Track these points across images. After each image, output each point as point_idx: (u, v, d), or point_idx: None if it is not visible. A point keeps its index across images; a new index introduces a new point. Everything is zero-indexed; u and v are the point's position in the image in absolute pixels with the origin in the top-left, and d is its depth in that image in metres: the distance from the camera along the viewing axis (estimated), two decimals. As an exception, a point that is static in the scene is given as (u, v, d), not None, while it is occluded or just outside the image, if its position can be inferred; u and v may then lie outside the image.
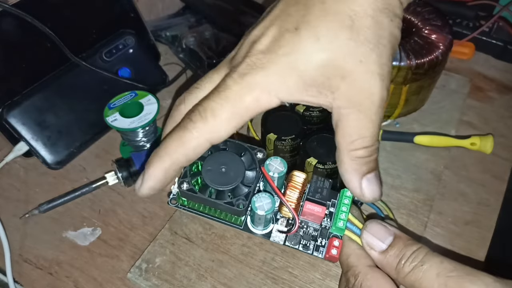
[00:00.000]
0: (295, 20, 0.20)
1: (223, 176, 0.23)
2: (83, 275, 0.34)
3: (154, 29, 0.53)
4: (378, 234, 0.22)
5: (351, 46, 0.19)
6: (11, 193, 0.39)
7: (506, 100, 0.49)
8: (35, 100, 0.41)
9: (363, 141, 0.21)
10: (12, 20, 0.38)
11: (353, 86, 0.20)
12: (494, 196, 0.39)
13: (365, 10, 0.20)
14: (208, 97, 0.21)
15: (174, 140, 0.21)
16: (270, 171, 0.23)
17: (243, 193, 0.23)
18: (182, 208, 0.25)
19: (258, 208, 0.22)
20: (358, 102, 0.20)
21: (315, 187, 0.25)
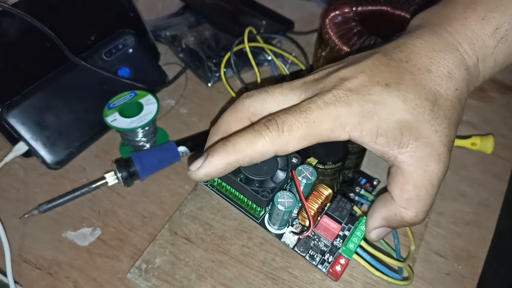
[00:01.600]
0: (387, 78, 0.22)
1: (257, 168, 0.24)
2: (83, 276, 0.34)
3: (153, 29, 0.52)
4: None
5: (431, 117, 0.22)
6: (11, 193, 0.39)
7: (507, 100, 0.49)
8: (34, 100, 0.41)
9: (417, 204, 0.23)
10: (11, 20, 0.38)
11: (424, 148, 0.22)
12: (495, 196, 0.39)
13: (448, 94, 0.23)
14: (288, 112, 0.22)
15: (245, 141, 0.22)
16: (300, 176, 0.25)
17: (270, 186, 0.24)
18: (210, 187, 0.26)
19: (280, 203, 0.23)
20: (425, 164, 0.22)
21: (337, 205, 0.26)
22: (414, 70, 0.23)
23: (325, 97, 0.22)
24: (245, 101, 0.25)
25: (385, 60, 0.23)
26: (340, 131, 0.22)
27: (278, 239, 0.25)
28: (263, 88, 0.25)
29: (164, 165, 0.41)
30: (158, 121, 0.45)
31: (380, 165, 0.41)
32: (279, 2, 0.60)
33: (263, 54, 0.51)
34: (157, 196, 0.39)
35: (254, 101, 0.24)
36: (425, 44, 0.24)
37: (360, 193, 0.37)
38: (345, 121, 0.22)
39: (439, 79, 0.23)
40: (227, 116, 0.25)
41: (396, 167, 0.23)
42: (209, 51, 0.50)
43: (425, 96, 0.22)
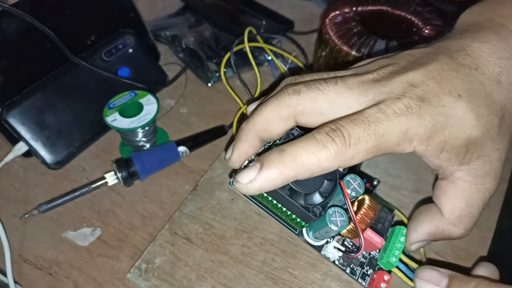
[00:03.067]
0: (458, 88, 0.21)
1: (303, 181, 0.22)
2: (83, 276, 0.34)
3: (153, 29, 0.52)
4: (432, 279, 0.22)
5: (497, 134, 0.21)
6: (11, 193, 0.39)
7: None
8: (34, 100, 0.41)
9: (467, 221, 0.22)
10: (11, 20, 0.38)
11: (483, 166, 0.21)
12: (495, 196, 0.39)
13: (509, 107, 0.22)
14: (355, 122, 0.20)
15: (307, 153, 0.20)
16: (349, 189, 0.23)
17: (318, 201, 0.22)
18: (249, 197, 0.24)
19: (332, 223, 0.22)
20: (482, 181, 0.22)
21: (379, 216, 0.25)
22: (483, 80, 0.21)
23: (395, 106, 0.20)
24: (292, 98, 0.21)
25: (453, 65, 0.21)
26: (406, 144, 0.20)
27: (318, 252, 0.24)
28: (314, 84, 0.22)
29: (164, 165, 0.41)
30: (158, 121, 0.45)
31: (380, 165, 0.41)
32: (279, 2, 0.60)
33: (263, 54, 0.51)
34: (157, 196, 0.39)
35: (304, 98, 0.21)
36: (493, 49, 0.22)
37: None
38: (414, 135, 0.20)
39: (508, 92, 0.21)
40: (268, 112, 0.22)
41: (449, 182, 0.22)
42: (209, 51, 0.50)
43: (495, 112, 0.21)
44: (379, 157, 0.42)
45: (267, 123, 0.22)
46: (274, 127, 0.22)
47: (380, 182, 0.39)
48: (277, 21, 0.56)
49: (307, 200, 0.22)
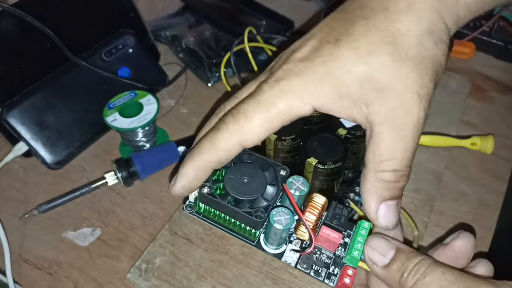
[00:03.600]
0: (337, 33, 0.20)
1: (245, 186, 0.23)
2: (83, 276, 0.34)
3: (153, 29, 0.52)
4: (380, 248, 0.22)
5: (389, 61, 0.19)
6: (11, 193, 0.39)
7: (507, 100, 0.49)
8: (34, 100, 0.41)
9: (392, 163, 0.20)
10: (11, 20, 0.38)
11: (388, 102, 0.19)
12: (495, 196, 0.39)
13: (409, 29, 0.19)
14: (243, 100, 0.21)
15: (207, 141, 0.22)
16: (292, 189, 0.23)
17: (262, 205, 0.23)
18: (197, 215, 0.25)
19: (276, 222, 0.22)
20: (392, 119, 0.19)
21: (334, 213, 0.24)
22: (367, 14, 0.20)
23: (275, 74, 0.21)
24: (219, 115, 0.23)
25: (338, 16, 0.21)
26: (299, 104, 0.20)
27: (279, 259, 0.24)
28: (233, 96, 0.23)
29: (164, 165, 0.41)
30: (158, 121, 0.45)
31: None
32: (279, 2, 0.60)
33: (263, 54, 0.51)
34: (157, 196, 0.39)
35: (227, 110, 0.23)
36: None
37: (360, 193, 0.37)
38: (300, 93, 0.20)
39: (396, 15, 0.19)
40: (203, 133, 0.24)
41: (368, 132, 0.20)
42: (209, 51, 0.50)
43: (380, 40, 0.19)
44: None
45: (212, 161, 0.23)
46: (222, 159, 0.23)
47: None
48: (277, 21, 0.56)
49: (252, 206, 0.23)
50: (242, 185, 0.23)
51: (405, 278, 0.20)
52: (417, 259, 0.20)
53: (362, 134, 0.34)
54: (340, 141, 0.32)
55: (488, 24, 0.52)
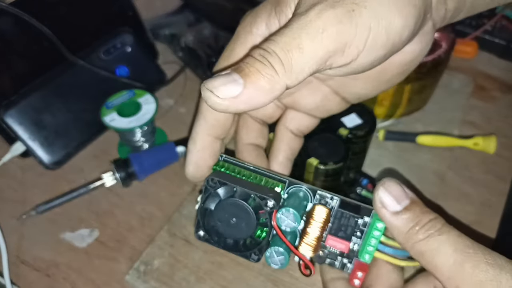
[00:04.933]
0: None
1: (235, 229, 0.23)
2: (81, 277, 0.34)
3: (152, 28, 0.52)
4: (395, 193, 0.20)
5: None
6: (8, 194, 0.39)
7: (510, 99, 0.48)
8: (32, 99, 0.40)
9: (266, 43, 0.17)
10: (9, 19, 0.38)
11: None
12: (497, 196, 0.39)
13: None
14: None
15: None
16: (282, 225, 0.22)
17: (257, 247, 0.23)
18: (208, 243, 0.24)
19: (272, 263, 0.23)
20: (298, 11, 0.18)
21: (339, 224, 0.23)
22: None
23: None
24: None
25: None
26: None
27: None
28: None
29: (162, 166, 0.40)
30: (157, 120, 0.44)
31: (382, 165, 0.41)
32: (280, 0, 0.59)
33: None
34: (156, 197, 0.39)
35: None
36: None
37: (361, 194, 0.36)
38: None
39: None
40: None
41: None
42: (208, 50, 0.50)
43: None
44: (381, 158, 0.41)
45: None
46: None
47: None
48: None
49: (245, 245, 0.23)
50: (231, 227, 0.23)
51: (417, 230, 0.19)
52: (433, 215, 0.19)
53: (364, 134, 0.34)
54: (341, 141, 0.32)
55: (491, 23, 0.51)
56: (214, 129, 0.22)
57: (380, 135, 0.42)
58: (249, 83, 0.16)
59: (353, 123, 0.33)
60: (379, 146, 0.42)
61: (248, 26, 0.20)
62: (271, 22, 0.20)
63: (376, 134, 0.42)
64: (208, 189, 0.22)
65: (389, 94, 0.40)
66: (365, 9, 0.17)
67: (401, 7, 0.17)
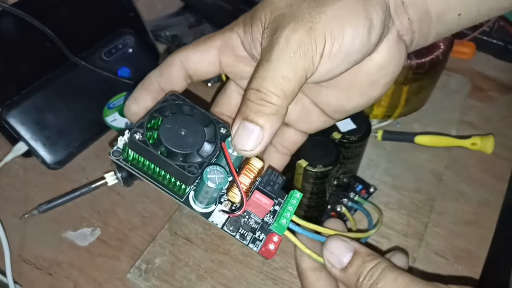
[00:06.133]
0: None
1: (181, 139, 0.22)
2: (83, 276, 0.34)
3: (153, 29, 0.52)
4: (338, 250, 0.22)
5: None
6: (11, 193, 0.39)
7: (507, 100, 0.49)
8: (34, 100, 0.41)
9: (253, 81, 0.20)
10: (11, 20, 0.38)
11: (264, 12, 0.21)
12: (495, 196, 0.39)
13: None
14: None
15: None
16: (230, 149, 0.22)
17: (197, 161, 0.22)
18: (124, 163, 0.22)
19: (210, 180, 0.21)
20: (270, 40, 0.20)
21: (268, 179, 0.24)
22: None
23: None
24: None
25: None
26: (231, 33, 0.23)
27: (205, 219, 0.23)
28: None
29: (164, 165, 0.40)
30: (158, 121, 0.45)
31: (380, 165, 0.41)
32: (279, 2, 0.60)
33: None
34: (157, 196, 0.39)
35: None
36: None
37: (354, 199, 0.36)
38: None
39: None
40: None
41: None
42: (209, 51, 0.50)
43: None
44: (379, 158, 0.42)
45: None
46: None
47: (377, 189, 0.38)
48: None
49: (185, 161, 0.21)
50: (178, 137, 0.21)
51: (361, 282, 0.21)
52: (373, 263, 0.21)
53: (357, 139, 0.34)
54: (334, 145, 0.32)
55: (488, 24, 0.52)
56: (164, 82, 0.24)
57: (379, 135, 0.42)
58: (264, 125, 0.20)
59: (347, 127, 0.33)
60: (377, 146, 0.42)
61: (233, 23, 0.23)
62: (247, 28, 0.22)
63: (374, 134, 0.42)
64: (167, 100, 0.23)
65: (387, 95, 0.41)
66: (319, 24, 0.19)
67: (352, 19, 0.19)
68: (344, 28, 0.19)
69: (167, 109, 0.23)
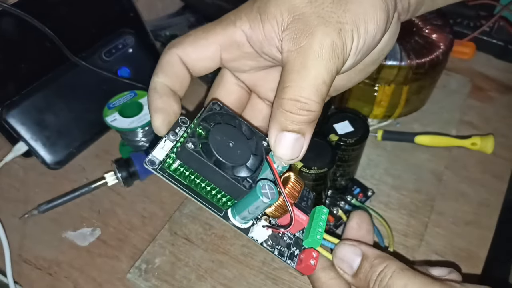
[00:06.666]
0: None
1: (230, 151, 0.21)
2: (83, 276, 0.34)
3: (153, 29, 0.52)
4: (347, 256, 0.23)
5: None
6: (11, 193, 0.39)
7: (507, 100, 0.49)
8: (34, 100, 0.41)
9: (290, 91, 0.19)
10: (11, 20, 0.38)
11: (297, 25, 0.19)
12: (495, 196, 0.39)
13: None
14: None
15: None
16: (276, 163, 0.22)
17: (247, 175, 0.21)
18: (161, 173, 0.22)
19: (263, 195, 0.20)
20: (298, 43, 0.19)
21: (302, 195, 0.24)
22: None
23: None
24: None
25: None
26: (232, 28, 0.22)
27: (245, 234, 0.22)
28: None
29: (164, 165, 0.41)
30: (158, 121, 0.45)
31: (380, 165, 0.41)
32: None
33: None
34: (157, 196, 0.39)
35: None
36: None
37: (351, 202, 0.36)
38: (234, 20, 0.22)
39: None
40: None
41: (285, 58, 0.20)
42: (209, 51, 0.50)
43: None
44: (379, 158, 0.42)
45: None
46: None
47: (375, 193, 0.38)
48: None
49: (234, 173, 0.21)
50: (227, 149, 0.21)
51: (371, 287, 0.21)
52: (381, 266, 0.21)
53: (354, 142, 0.34)
54: (330, 147, 0.32)
55: (488, 24, 0.52)
56: (173, 82, 0.24)
57: (379, 135, 0.42)
58: (305, 133, 0.20)
59: (344, 130, 0.33)
60: (378, 146, 0.42)
61: (232, 17, 0.22)
62: (255, 25, 0.21)
63: (374, 134, 0.42)
64: (212, 109, 0.22)
65: (387, 95, 0.41)
66: (347, 24, 0.19)
67: (373, 13, 0.20)
68: (368, 24, 0.19)
69: (212, 119, 0.22)
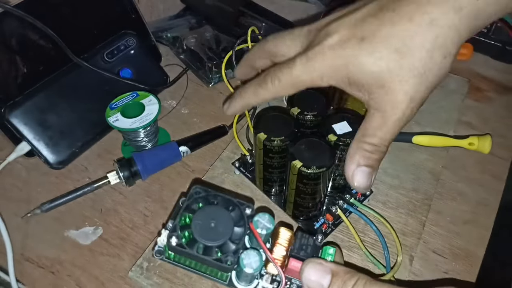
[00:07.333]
0: (366, 31, 0.24)
1: (212, 232, 0.24)
2: (85, 274, 0.34)
3: (155, 30, 0.53)
4: (315, 275, 0.23)
5: (397, 67, 0.23)
6: (13, 193, 0.40)
7: (505, 100, 0.49)
8: (37, 100, 0.41)
9: (372, 138, 0.25)
10: (13, 21, 0.39)
11: (385, 96, 0.24)
12: (493, 195, 0.40)
13: (423, 43, 0.23)
14: (280, 67, 0.27)
15: (251, 90, 0.29)
16: (258, 228, 0.24)
17: (231, 249, 0.24)
18: (168, 261, 0.25)
19: (246, 266, 0.23)
20: (384, 108, 0.25)
21: (300, 244, 0.26)
22: (396, 20, 0.23)
23: (309, 52, 0.26)
24: (266, 43, 0.31)
25: (376, 11, 0.24)
26: (318, 81, 0.26)
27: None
28: (280, 34, 0.30)
29: (165, 165, 0.41)
30: (160, 121, 0.45)
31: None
32: (279, 4, 0.60)
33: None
34: (159, 195, 0.40)
35: (270, 45, 0.30)
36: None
37: (349, 201, 0.37)
38: (321, 73, 0.26)
39: (417, 28, 0.23)
40: (253, 52, 0.32)
41: (367, 111, 0.26)
42: (209, 52, 0.50)
43: (395, 49, 0.23)
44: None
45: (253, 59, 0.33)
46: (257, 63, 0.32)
47: (373, 192, 0.38)
48: (277, 23, 0.56)
49: (222, 251, 0.24)
50: (210, 230, 0.24)
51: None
52: (353, 280, 0.22)
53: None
54: (329, 147, 0.32)
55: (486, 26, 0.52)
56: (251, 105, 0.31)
57: (378, 135, 0.43)
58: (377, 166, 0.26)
59: (343, 130, 0.33)
60: (377, 146, 0.43)
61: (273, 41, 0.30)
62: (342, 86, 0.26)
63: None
64: (192, 195, 0.25)
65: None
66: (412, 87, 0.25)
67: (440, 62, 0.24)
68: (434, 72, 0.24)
69: (194, 204, 0.25)
